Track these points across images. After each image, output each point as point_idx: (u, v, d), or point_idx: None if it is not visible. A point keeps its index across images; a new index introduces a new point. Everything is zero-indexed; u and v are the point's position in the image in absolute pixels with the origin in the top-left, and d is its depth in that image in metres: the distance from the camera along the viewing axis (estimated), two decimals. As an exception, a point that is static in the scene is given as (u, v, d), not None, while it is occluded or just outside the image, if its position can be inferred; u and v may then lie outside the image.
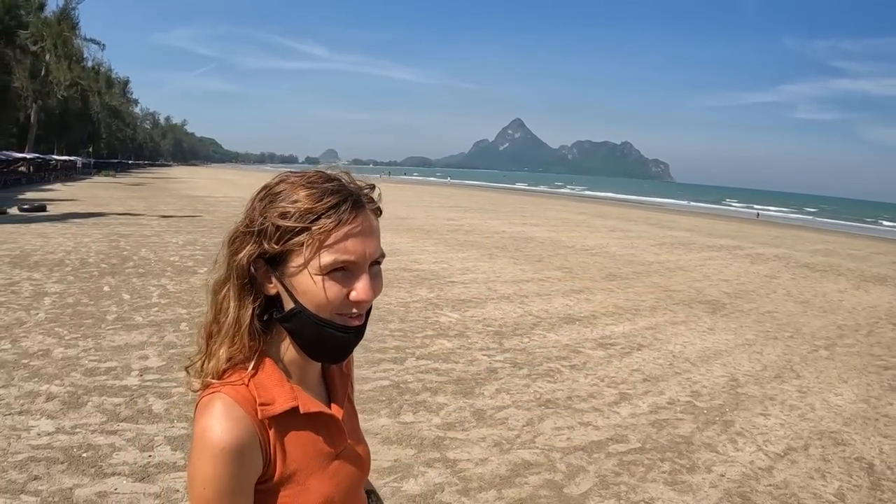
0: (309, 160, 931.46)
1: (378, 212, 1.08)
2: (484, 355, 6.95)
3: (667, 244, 20.51)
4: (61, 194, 29.24)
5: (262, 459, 1.00)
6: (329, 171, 1.05)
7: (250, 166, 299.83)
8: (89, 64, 67.90)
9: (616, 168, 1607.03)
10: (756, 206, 64.97)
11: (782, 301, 11.48)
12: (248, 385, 1.01)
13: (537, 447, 4.71)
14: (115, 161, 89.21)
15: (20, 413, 4.63)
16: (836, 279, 15.15)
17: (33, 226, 15.94)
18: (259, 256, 1.01)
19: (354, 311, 1.02)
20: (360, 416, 3.94)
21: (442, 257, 14.35)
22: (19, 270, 9.90)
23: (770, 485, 4.34)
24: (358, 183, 1.06)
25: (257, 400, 1.00)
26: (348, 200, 1.00)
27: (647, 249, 18.50)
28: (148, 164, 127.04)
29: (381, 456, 4.33)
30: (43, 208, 20.35)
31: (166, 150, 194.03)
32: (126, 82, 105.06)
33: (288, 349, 1.08)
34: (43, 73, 51.92)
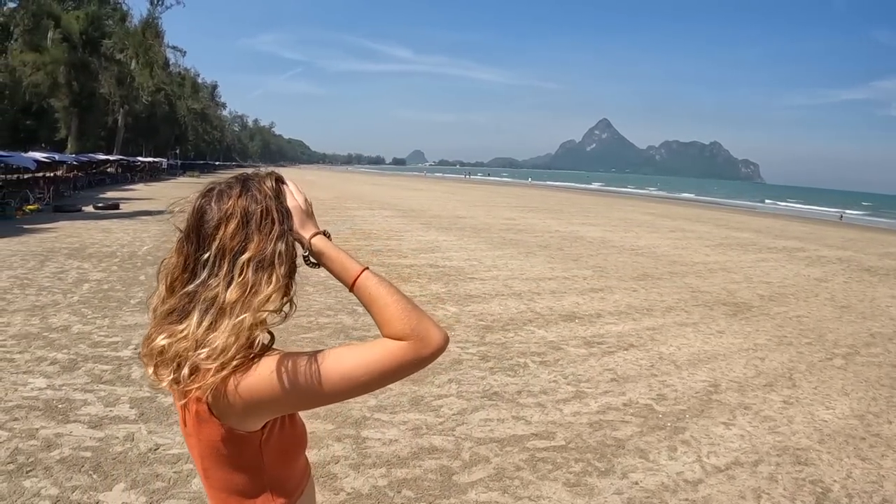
0: (395, 160, 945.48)
1: None
2: (458, 347, 6.89)
3: (723, 245, 19.52)
4: (140, 194, 30.56)
5: None
6: None
7: (337, 167, 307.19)
8: (175, 70, 71.03)
9: (705, 169, 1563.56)
10: (846, 210, 61.59)
11: (819, 305, 10.67)
12: None
13: (453, 435, 4.65)
14: (201, 162, 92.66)
15: (24, 372, 5.43)
16: (894, 284, 14.01)
17: (102, 222, 16.99)
18: None
19: None
20: None
21: (476, 255, 14.19)
22: (72, 261, 10.84)
23: (686, 500, 3.93)
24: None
25: None
26: None
27: (698, 250, 17.66)
28: (235, 165, 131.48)
29: None
30: (116, 206, 21.45)
31: (254, 152, 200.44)
32: (214, 87, 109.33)
33: None
34: (129, 79, 54.65)
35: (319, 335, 7.01)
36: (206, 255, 1.16)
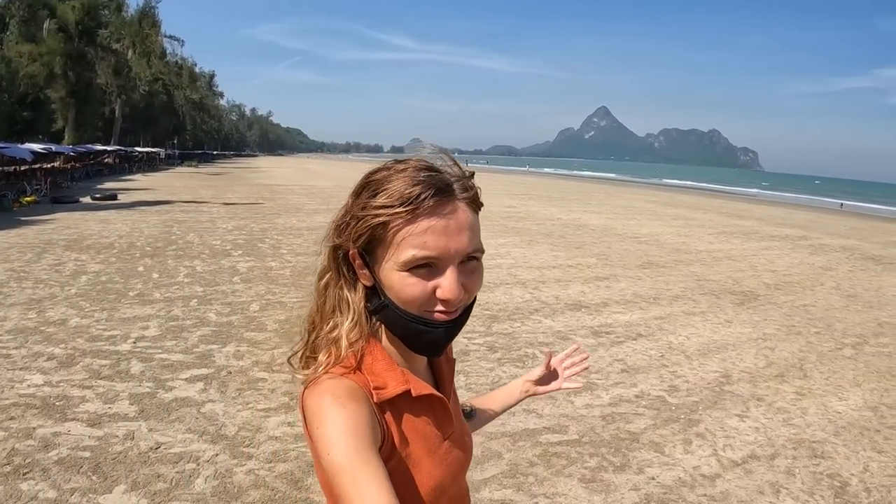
0: (394, 149, 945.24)
1: (474, 203, 0.99)
2: (464, 338, 6.72)
3: (726, 233, 19.38)
4: (138, 184, 30.37)
5: (380, 432, 0.95)
6: (430, 157, 1.01)
7: (336, 156, 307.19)
8: (172, 60, 70.77)
9: (704, 156, 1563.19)
10: (844, 198, 61.33)
11: (826, 294, 10.54)
12: (360, 370, 0.99)
13: None
14: (199, 152, 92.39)
15: (21, 369, 5.31)
16: (902, 273, 13.91)
17: (100, 213, 16.88)
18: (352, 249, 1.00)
19: (442, 308, 0.96)
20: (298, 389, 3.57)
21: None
22: (70, 252, 10.71)
23: (704, 495, 3.81)
24: (454, 171, 0.99)
25: (371, 384, 0.98)
26: (430, 190, 0.92)
27: (701, 238, 17.52)
28: (233, 154, 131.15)
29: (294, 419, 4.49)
30: (114, 197, 21.35)
31: (252, 141, 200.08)
32: (212, 76, 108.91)
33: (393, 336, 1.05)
34: (126, 69, 54.46)
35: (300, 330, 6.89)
36: None
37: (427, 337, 0.97)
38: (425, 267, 0.93)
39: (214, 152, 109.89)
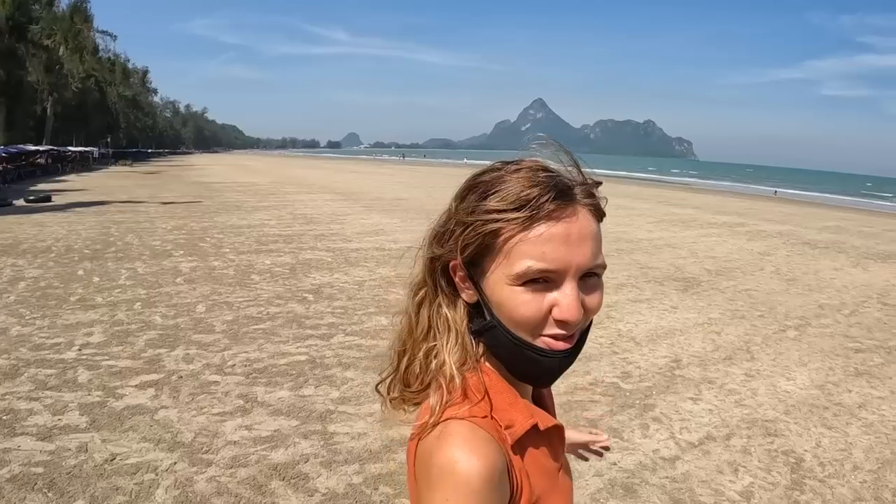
0: (331, 144, 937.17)
1: (597, 212, 0.87)
2: None
3: (665, 221, 19.85)
4: (72, 185, 29.34)
5: (510, 486, 0.81)
6: (547, 158, 0.88)
7: (272, 151, 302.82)
8: (105, 56, 68.61)
9: (639, 147, 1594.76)
10: (777, 185, 63.38)
11: (766, 279, 10.88)
12: (483, 406, 0.83)
13: None
14: (133, 150, 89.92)
15: None
16: (835, 256, 14.40)
17: (35, 216, 16.21)
18: (456, 260, 0.86)
19: (559, 331, 0.81)
20: (262, 389, 4.35)
21: (423, 237, 13.99)
22: (5, 258, 10.24)
23: (666, 477, 3.90)
24: (575, 174, 0.87)
25: (501, 424, 0.83)
26: (550, 193, 0.80)
27: (641, 227, 17.87)
28: (168, 152, 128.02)
29: (263, 426, 4.40)
30: (48, 199, 20.69)
31: (187, 138, 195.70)
32: (145, 72, 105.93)
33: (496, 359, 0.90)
34: (57, 66, 52.56)
35: (272, 325, 6.78)
36: None
37: (538, 367, 0.83)
38: (541, 282, 0.80)
39: (149, 150, 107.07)
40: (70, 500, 3.39)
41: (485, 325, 0.85)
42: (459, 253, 0.84)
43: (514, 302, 0.80)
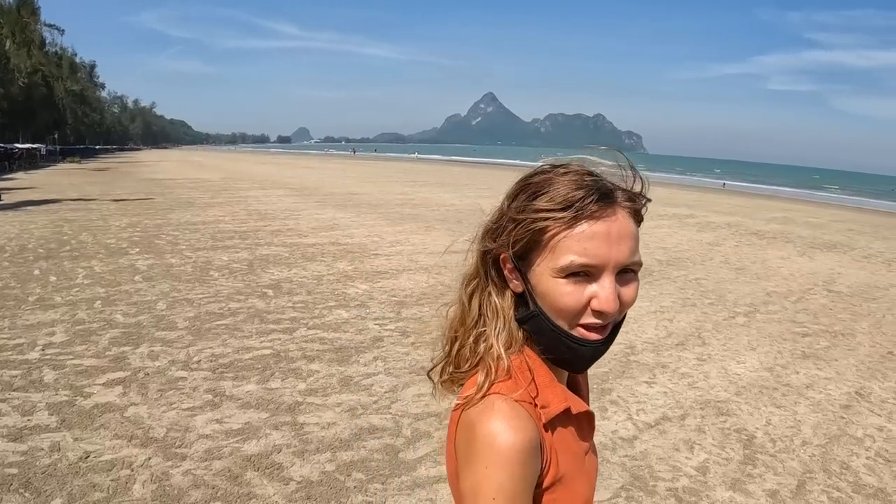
0: (281, 139, 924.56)
1: (636, 215, 0.96)
2: (376, 325, 6.91)
3: (618, 214, 20.23)
4: (21, 183, 28.50)
5: (541, 462, 0.92)
6: (591, 163, 0.98)
7: (221, 147, 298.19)
8: (52, 50, 66.64)
9: (589, 140, 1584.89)
10: (725, 177, 64.82)
11: (716, 268, 11.27)
12: (524, 386, 0.94)
13: (390, 413, 4.66)
14: (82, 147, 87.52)
15: None
16: (782, 246, 14.96)
17: None
18: (506, 253, 0.96)
19: (596, 321, 0.91)
20: (229, 383, 4.41)
21: (377, 231, 14.27)
22: None
23: (626, 456, 4.10)
24: (618, 179, 0.96)
25: (538, 403, 0.94)
26: (594, 195, 0.90)
27: (595, 220, 18.22)
28: (116, 148, 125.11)
29: (234, 419, 4.46)
30: (-3, 197, 19.94)
31: (135, 134, 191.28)
32: (92, 67, 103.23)
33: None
34: (3, 60, 50.88)
35: (234, 321, 6.82)
36: None
37: (574, 354, 0.94)
38: (582, 275, 0.89)
39: (97, 147, 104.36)
40: (48, 499, 3.41)
41: (529, 314, 0.95)
42: (510, 247, 0.94)
43: (557, 292, 0.90)
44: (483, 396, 0.93)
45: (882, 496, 3.87)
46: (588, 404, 1.10)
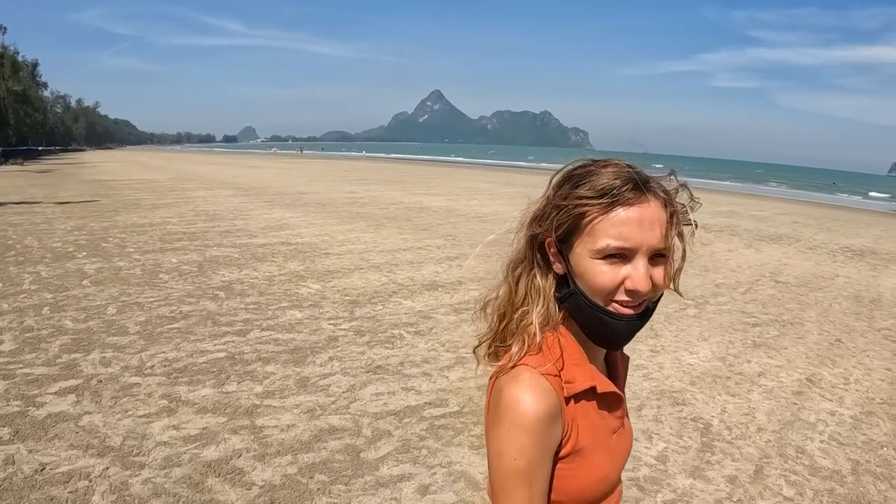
0: (227, 138, 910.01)
1: (668, 204, 1.04)
2: (330, 324, 6.90)
3: (568, 210, 20.47)
4: (-40, 186, 27.54)
5: (561, 431, 1.02)
6: (622, 162, 1.05)
7: (167, 147, 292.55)
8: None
9: (536, 137, 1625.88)
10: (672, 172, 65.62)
11: (666, 261, 11.46)
12: (552, 361, 1.03)
13: (349, 413, 4.66)
14: (24, 148, 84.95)
15: None
16: (729, 239, 15.32)
17: None
18: (550, 237, 1.04)
19: (628, 299, 1.00)
20: (185, 388, 4.28)
21: (326, 230, 14.20)
22: None
23: (586, 450, 4.15)
24: (649, 174, 1.04)
25: (563, 377, 1.03)
26: (630, 184, 0.99)
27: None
28: (60, 149, 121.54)
29: (191, 425, 4.40)
30: (-64, 202, 19.16)
31: (79, 135, 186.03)
32: (35, 65, 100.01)
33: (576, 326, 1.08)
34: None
35: (186, 324, 6.71)
36: None
37: (609, 328, 1.02)
38: (617, 257, 0.98)
39: (40, 148, 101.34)
40: (4, 514, 3.32)
41: (568, 293, 1.04)
42: (553, 231, 1.02)
43: (594, 272, 0.99)
44: (513, 367, 1.03)
45: (838, 478, 4.03)
46: (623, 389, 1.21)
